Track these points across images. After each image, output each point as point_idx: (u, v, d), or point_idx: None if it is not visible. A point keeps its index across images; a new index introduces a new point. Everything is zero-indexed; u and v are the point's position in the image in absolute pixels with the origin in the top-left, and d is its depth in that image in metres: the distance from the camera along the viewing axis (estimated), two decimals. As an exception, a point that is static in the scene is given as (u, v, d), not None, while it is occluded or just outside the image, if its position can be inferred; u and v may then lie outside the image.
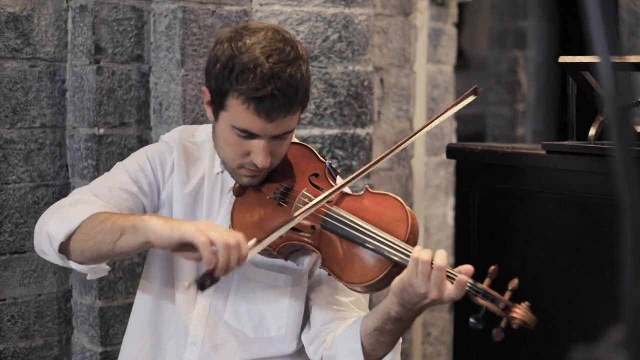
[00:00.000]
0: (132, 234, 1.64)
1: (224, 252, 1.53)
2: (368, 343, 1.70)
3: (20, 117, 2.64)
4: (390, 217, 1.69)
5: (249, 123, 1.68)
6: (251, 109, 1.66)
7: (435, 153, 3.71)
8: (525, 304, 1.57)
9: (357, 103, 2.90)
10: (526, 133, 5.96)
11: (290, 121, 1.72)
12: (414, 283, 1.56)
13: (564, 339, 2.23)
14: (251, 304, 1.84)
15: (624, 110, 0.68)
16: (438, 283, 1.55)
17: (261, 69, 1.64)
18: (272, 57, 1.66)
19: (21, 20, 2.62)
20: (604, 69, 0.66)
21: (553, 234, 2.31)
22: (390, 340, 1.70)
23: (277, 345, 1.85)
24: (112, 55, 2.66)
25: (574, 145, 2.22)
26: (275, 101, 1.65)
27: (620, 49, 0.66)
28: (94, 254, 1.73)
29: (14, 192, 2.64)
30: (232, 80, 1.67)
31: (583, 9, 0.66)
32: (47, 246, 1.77)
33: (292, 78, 1.66)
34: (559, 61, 2.22)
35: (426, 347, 3.71)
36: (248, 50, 1.67)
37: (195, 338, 1.84)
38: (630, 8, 3.51)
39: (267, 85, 1.64)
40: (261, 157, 1.71)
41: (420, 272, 1.55)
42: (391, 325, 1.65)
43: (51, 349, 2.75)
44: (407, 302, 1.59)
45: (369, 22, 2.93)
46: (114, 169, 1.92)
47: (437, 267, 1.55)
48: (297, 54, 1.70)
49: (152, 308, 1.90)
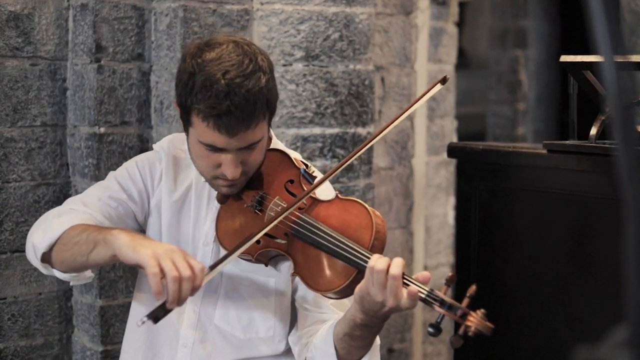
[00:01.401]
0: (103, 247, 1.69)
1: (172, 286, 1.54)
2: (341, 347, 1.73)
3: (21, 116, 2.64)
4: (357, 223, 1.71)
5: (211, 139, 1.71)
6: (211, 126, 1.69)
7: (436, 152, 3.71)
8: (480, 311, 1.56)
9: (358, 102, 2.90)
10: (527, 132, 5.95)
11: (253, 134, 1.73)
12: (371, 292, 1.57)
13: (564, 339, 2.23)
14: (240, 307, 1.88)
15: (626, 109, 0.68)
16: (394, 292, 1.56)
17: (217, 87, 1.67)
18: (228, 73, 1.68)
19: (22, 19, 2.62)
20: (608, 69, 0.65)
21: (554, 234, 2.30)
22: (362, 344, 1.72)
23: (267, 346, 1.88)
24: (113, 54, 2.66)
25: (575, 145, 2.22)
26: (232, 117, 1.67)
27: (624, 48, 0.66)
28: (71, 264, 1.79)
29: (14, 190, 2.64)
30: (193, 97, 1.70)
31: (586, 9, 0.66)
32: (32, 256, 1.85)
33: (249, 93, 1.68)
34: (560, 60, 2.22)
35: (426, 347, 3.71)
36: (205, 68, 1.70)
37: (186, 340, 1.89)
38: (631, 8, 3.51)
39: (223, 102, 1.66)
40: (231, 170, 1.74)
41: (376, 281, 1.56)
42: (359, 331, 1.68)
43: (52, 348, 2.74)
44: (368, 309, 1.61)
45: (370, 21, 2.93)
46: (106, 179, 1.97)
47: (391, 276, 1.56)
48: (257, 66, 1.72)
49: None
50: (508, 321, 2.41)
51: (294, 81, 2.80)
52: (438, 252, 3.71)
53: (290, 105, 2.80)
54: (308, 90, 2.82)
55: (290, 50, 2.80)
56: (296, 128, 2.81)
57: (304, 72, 2.81)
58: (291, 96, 2.80)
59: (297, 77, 2.81)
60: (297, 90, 2.81)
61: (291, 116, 2.81)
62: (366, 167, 2.95)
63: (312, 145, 2.82)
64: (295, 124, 2.80)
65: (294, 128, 2.81)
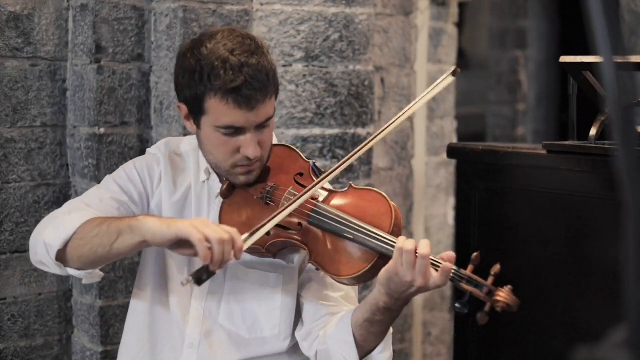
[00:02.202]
0: (128, 234, 1.68)
1: (218, 248, 1.59)
2: (359, 335, 1.74)
3: (21, 117, 2.64)
4: (375, 210, 1.73)
5: (232, 118, 1.74)
6: (231, 103, 1.72)
7: (436, 153, 3.71)
8: (507, 287, 1.62)
9: (357, 103, 2.90)
10: (527, 133, 5.96)
11: (269, 106, 1.77)
12: (400, 272, 1.60)
13: (564, 339, 2.23)
14: (244, 306, 1.87)
15: (626, 110, 0.68)
16: (423, 271, 1.60)
17: (229, 63, 1.71)
18: (235, 50, 1.73)
19: (22, 20, 2.62)
20: (607, 69, 0.66)
21: (553, 234, 2.30)
22: (380, 330, 1.74)
23: (272, 344, 1.88)
24: (113, 55, 2.66)
25: (575, 146, 2.22)
26: (251, 87, 1.71)
27: (623, 49, 0.66)
28: (91, 258, 1.76)
29: (14, 191, 2.64)
30: (205, 82, 1.73)
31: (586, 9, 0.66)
32: (45, 256, 1.80)
33: (260, 64, 1.73)
34: (560, 61, 2.22)
35: (426, 347, 3.71)
36: (211, 52, 1.74)
37: (192, 340, 1.88)
38: (631, 8, 3.51)
39: (239, 74, 1.71)
40: (252, 149, 1.76)
41: (405, 261, 1.60)
42: (380, 316, 1.69)
43: (51, 349, 2.75)
44: (394, 291, 1.63)
45: (370, 21, 2.93)
46: (104, 182, 1.96)
47: (421, 256, 1.60)
48: (258, 45, 1.78)
49: (146, 316, 1.93)
50: (508, 321, 2.41)
51: (293, 82, 2.81)
52: (438, 252, 3.70)
53: (290, 106, 2.80)
54: (308, 90, 2.82)
55: (290, 51, 2.80)
56: (296, 129, 2.81)
57: (303, 72, 2.81)
58: (291, 97, 2.81)
59: (297, 77, 2.81)
60: (297, 91, 2.81)
61: (291, 117, 2.81)
62: (366, 167, 2.95)
63: (312, 146, 2.82)
64: (295, 124, 2.81)
65: (293, 129, 2.81)
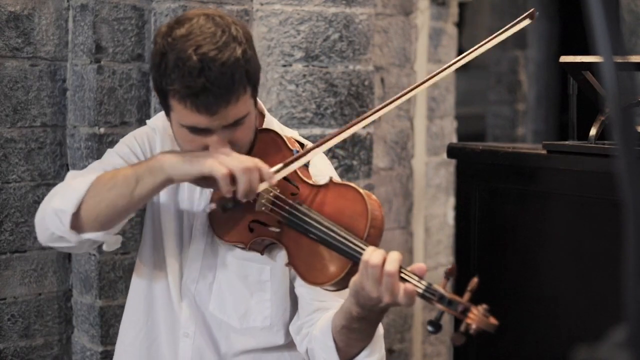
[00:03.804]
0: (149, 177, 1.64)
1: (243, 177, 1.58)
2: (340, 340, 1.66)
3: (21, 116, 2.64)
4: (351, 210, 1.62)
5: (192, 120, 1.62)
6: (189, 107, 1.60)
7: (436, 153, 3.71)
8: (482, 307, 1.46)
9: (357, 102, 2.90)
10: (527, 133, 5.96)
11: (236, 109, 1.63)
12: (366, 287, 1.50)
13: (563, 338, 2.23)
14: (235, 296, 1.83)
15: (626, 110, 0.68)
16: (390, 288, 1.47)
17: (189, 63, 1.57)
18: (200, 47, 1.58)
19: (22, 19, 2.62)
20: (607, 69, 0.66)
21: (553, 234, 2.31)
22: (361, 336, 1.65)
23: (264, 336, 1.83)
24: (113, 55, 2.66)
25: (575, 145, 2.22)
26: (209, 94, 1.58)
27: (624, 49, 0.66)
28: (110, 214, 1.69)
29: (14, 191, 2.64)
30: (167, 79, 1.61)
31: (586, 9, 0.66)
32: (57, 225, 1.72)
33: (224, 66, 1.58)
34: (560, 61, 2.22)
35: (426, 347, 3.71)
36: (176, 46, 1.60)
37: (187, 330, 1.84)
38: (630, 8, 3.51)
39: (197, 79, 1.57)
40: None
41: (371, 276, 1.48)
42: (357, 324, 1.60)
43: (51, 348, 2.74)
44: (364, 304, 1.54)
45: (370, 21, 2.93)
46: (106, 155, 1.92)
47: (387, 273, 1.47)
48: (230, 37, 1.62)
49: (146, 295, 1.90)
50: (508, 321, 2.41)
51: (293, 82, 2.81)
52: (438, 252, 3.72)
53: (290, 106, 2.80)
54: (308, 90, 2.82)
55: (290, 51, 2.80)
56: (296, 128, 2.81)
57: (303, 72, 2.81)
58: (291, 97, 2.81)
59: (297, 77, 2.81)
60: (297, 91, 2.81)
61: (291, 117, 2.81)
62: (366, 167, 2.95)
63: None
64: (295, 124, 2.80)
65: (293, 128, 2.80)
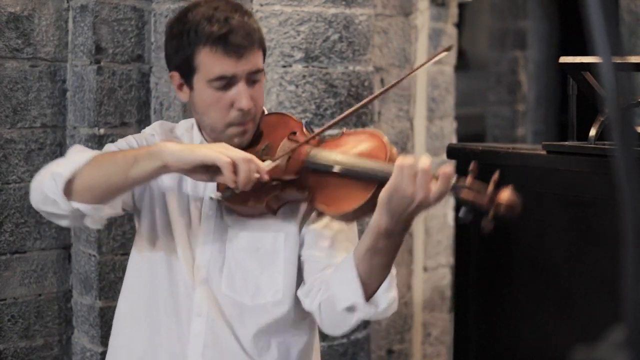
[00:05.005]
0: (147, 159, 1.69)
1: (245, 166, 1.66)
2: (363, 269, 1.67)
3: (21, 117, 2.64)
4: (369, 146, 1.73)
5: (222, 67, 1.77)
6: (220, 52, 1.77)
7: (436, 153, 3.71)
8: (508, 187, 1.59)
9: (357, 103, 2.89)
10: (526, 133, 5.97)
11: (257, 57, 1.81)
12: (400, 188, 1.57)
13: (563, 338, 2.23)
14: (246, 273, 1.85)
15: (625, 110, 0.68)
16: (424, 184, 1.58)
17: (214, 17, 1.78)
18: (219, 8, 1.80)
19: (22, 20, 2.62)
20: (606, 70, 0.66)
21: (553, 235, 2.31)
22: (383, 262, 1.67)
23: (275, 309, 1.86)
24: (113, 55, 2.66)
25: (575, 146, 2.22)
26: (237, 34, 1.76)
27: (622, 49, 0.66)
28: (103, 188, 1.74)
29: (14, 192, 2.64)
30: (192, 38, 1.78)
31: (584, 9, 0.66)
32: (51, 187, 1.75)
33: (243, 19, 1.80)
34: (560, 61, 2.22)
35: (426, 347, 3.71)
36: (196, 14, 1.80)
37: (200, 309, 1.85)
38: (630, 8, 3.51)
39: (225, 25, 1.77)
40: (245, 100, 1.79)
41: (406, 176, 1.57)
42: (383, 242, 1.64)
43: (51, 349, 2.75)
44: (395, 210, 1.59)
45: (370, 22, 2.93)
46: (105, 149, 1.93)
47: (421, 170, 1.57)
48: (240, 6, 1.85)
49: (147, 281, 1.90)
50: (508, 321, 2.42)
51: (293, 82, 2.81)
52: (438, 252, 3.72)
53: (289, 107, 2.80)
54: (308, 91, 2.82)
55: (289, 52, 2.80)
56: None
57: (303, 73, 2.81)
58: (291, 97, 2.81)
59: (297, 78, 2.81)
60: (297, 92, 2.81)
61: (291, 117, 2.81)
62: (366, 168, 2.95)
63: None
64: (295, 125, 2.81)
65: (293, 129, 2.81)
